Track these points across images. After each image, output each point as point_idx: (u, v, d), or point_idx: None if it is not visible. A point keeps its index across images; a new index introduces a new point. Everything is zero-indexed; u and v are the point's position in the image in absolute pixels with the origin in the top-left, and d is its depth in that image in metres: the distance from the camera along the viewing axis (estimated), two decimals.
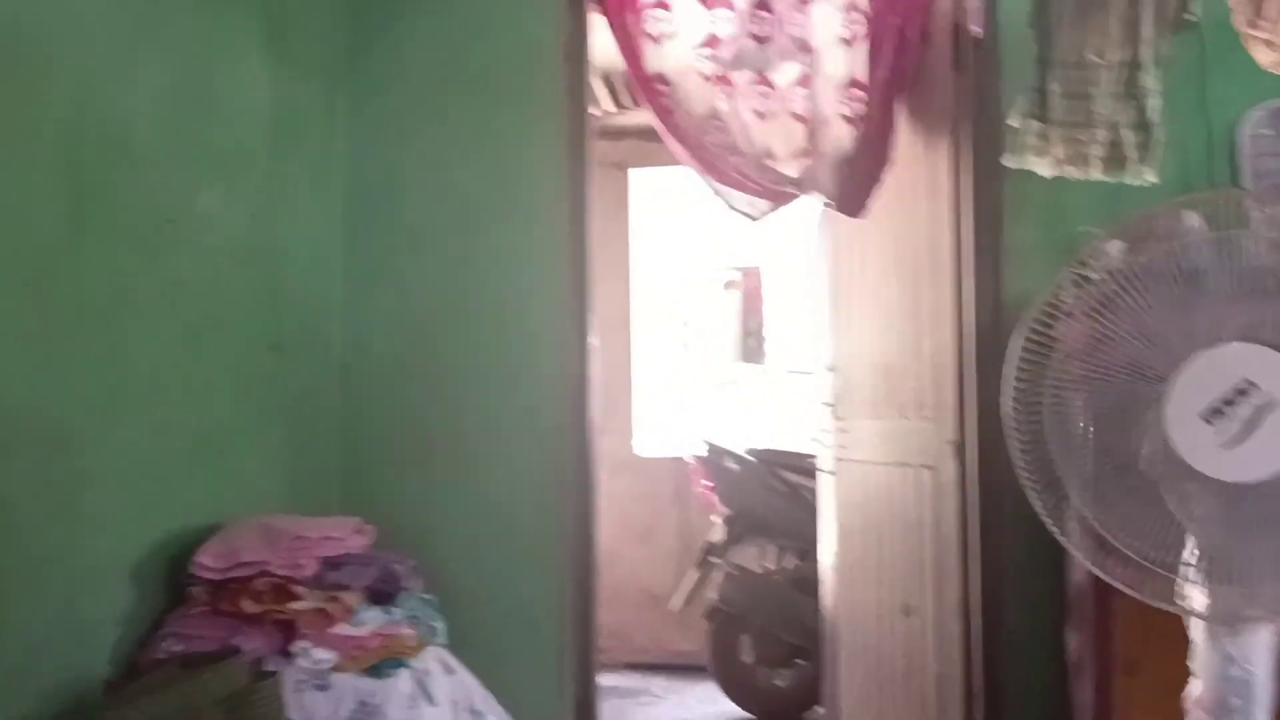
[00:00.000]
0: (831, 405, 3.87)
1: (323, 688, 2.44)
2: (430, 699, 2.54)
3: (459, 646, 2.94)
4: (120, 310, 2.44)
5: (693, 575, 4.68)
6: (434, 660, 2.69)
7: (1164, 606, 1.95)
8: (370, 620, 2.58)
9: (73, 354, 2.29)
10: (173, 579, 2.57)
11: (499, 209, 3.36)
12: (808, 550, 4.35)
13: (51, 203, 2.25)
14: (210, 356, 2.78)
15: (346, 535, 2.71)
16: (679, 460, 5.20)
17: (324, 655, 2.47)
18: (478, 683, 2.85)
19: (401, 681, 2.51)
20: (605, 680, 4.68)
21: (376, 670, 2.50)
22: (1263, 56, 2.50)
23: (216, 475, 2.81)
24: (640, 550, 5.54)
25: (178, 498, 2.65)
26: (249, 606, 2.48)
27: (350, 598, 2.56)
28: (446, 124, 3.40)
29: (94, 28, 2.37)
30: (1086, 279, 2.32)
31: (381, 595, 2.69)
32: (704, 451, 4.69)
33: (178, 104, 2.65)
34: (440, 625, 2.86)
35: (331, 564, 2.62)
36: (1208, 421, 1.84)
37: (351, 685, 2.46)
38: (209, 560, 2.52)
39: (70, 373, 2.29)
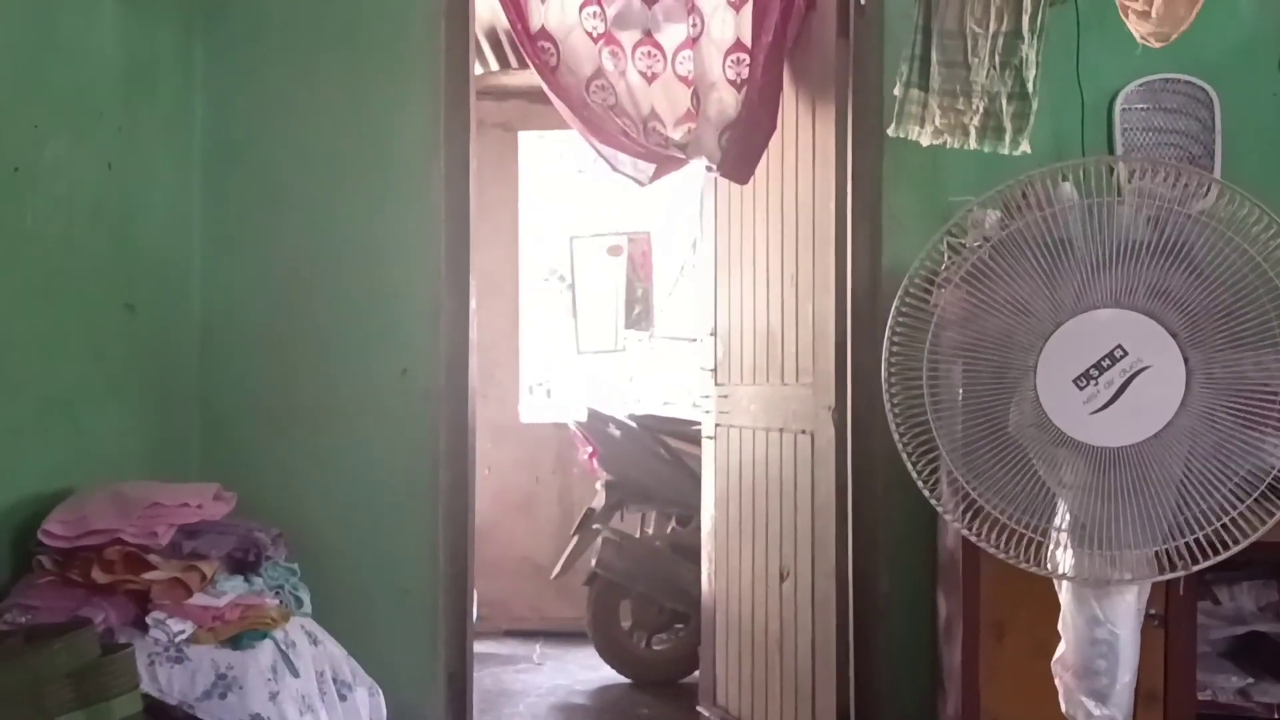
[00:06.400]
0: (713, 371, 3.86)
1: (179, 660, 2.36)
2: (293, 670, 2.46)
3: (328, 617, 2.87)
4: None
5: (573, 541, 4.65)
6: (298, 631, 2.61)
7: (1032, 570, 1.97)
8: (230, 590, 2.49)
9: None
10: (19, 547, 2.45)
11: (370, 169, 3.26)
12: (689, 516, 4.37)
13: None
14: (59, 315, 2.64)
15: (205, 502, 2.60)
16: (563, 427, 5.16)
17: (180, 626, 2.38)
18: (345, 653, 2.78)
19: (263, 653, 2.42)
20: (484, 647, 4.68)
21: (236, 642, 2.42)
22: (1138, 27, 2.53)
23: (68, 439, 2.67)
24: (521, 519, 5.50)
25: (25, 462, 2.51)
26: (100, 576, 2.37)
27: (208, 567, 2.46)
28: (313, 79, 3.27)
29: None
30: (962, 246, 2.33)
31: (243, 564, 2.60)
32: (586, 417, 4.65)
33: (18, 45, 2.49)
34: (305, 595, 2.78)
35: (189, 532, 2.52)
36: (1079, 387, 1.86)
37: (209, 657, 2.38)
38: (57, 528, 2.39)
39: None
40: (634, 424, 4.63)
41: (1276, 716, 2.38)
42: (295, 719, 2.38)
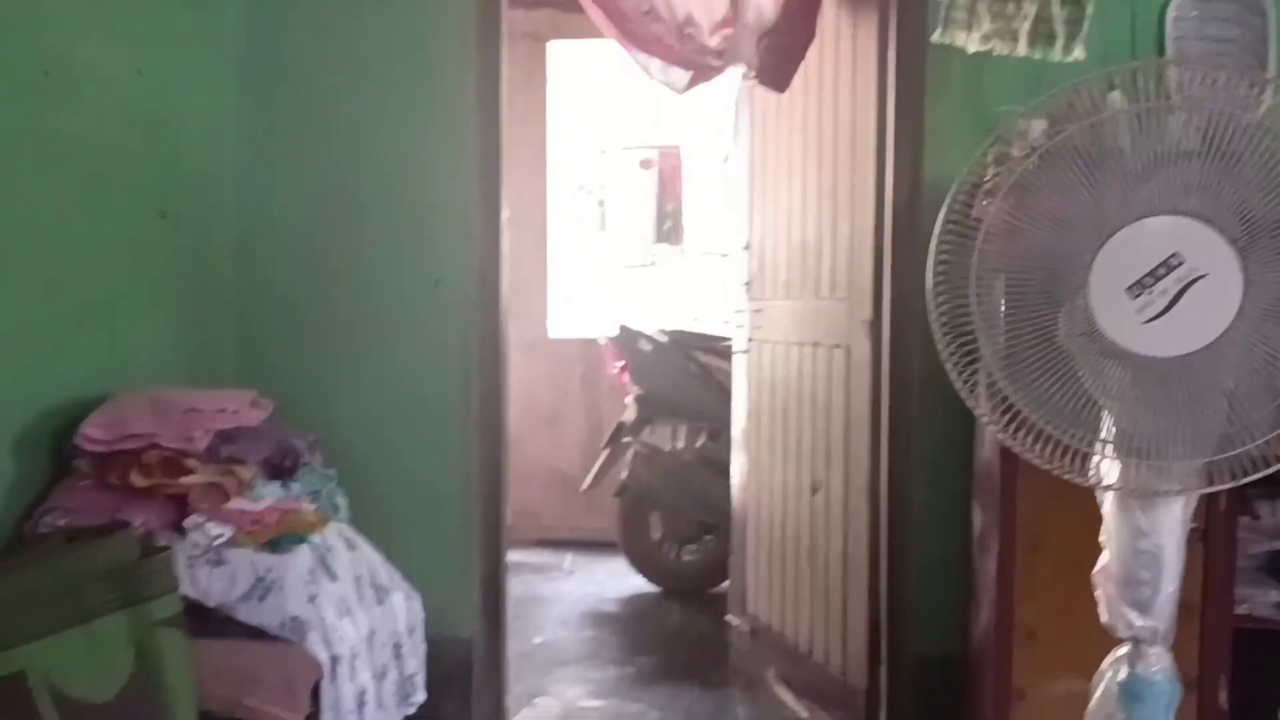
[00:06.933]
0: (747, 285, 3.83)
1: (218, 563, 2.37)
2: (331, 574, 2.49)
3: (362, 523, 2.89)
4: None
5: (603, 454, 4.67)
6: (335, 536, 2.63)
7: (1077, 480, 1.95)
8: (268, 495, 2.51)
9: None
10: (57, 451, 2.46)
11: (404, 77, 3.20)
12: (719, 430, 4.37)
13: None
14: (97, 219, 2.62)
15: (242, 408, 2.60)
16: (591, 342, 5.16)
17: (219, 530, 2.39)
18: (382, 558, 2.80)
19: (301, 557, 2.44)
20: (515, 556, 4.72)
21: (275, 545, 2.43)
22: None
23: (105, 344, 2.67)
24: (549, 432, 5.53)
25: (63, 365, 2.52)
26: (138, 480, 2.38)
27: (246, 472, 2.47)
28: None
29: None
30: (1008, 157, 2.27)
31: (280, 470, 2.61)
32: (617, 333, 4.64)
33: None
34: (342, 501, 2.80)
35: (226, 437, 2.52)
36: (1132, 295, 1.83)
37: (249, 560, 2.38)
38: (95, 431, 2.40)
39: None
40: (665, 339, 4.62)
41: None
42: (334, 621, 2.41)
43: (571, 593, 4.68)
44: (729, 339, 4.07)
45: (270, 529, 2.46)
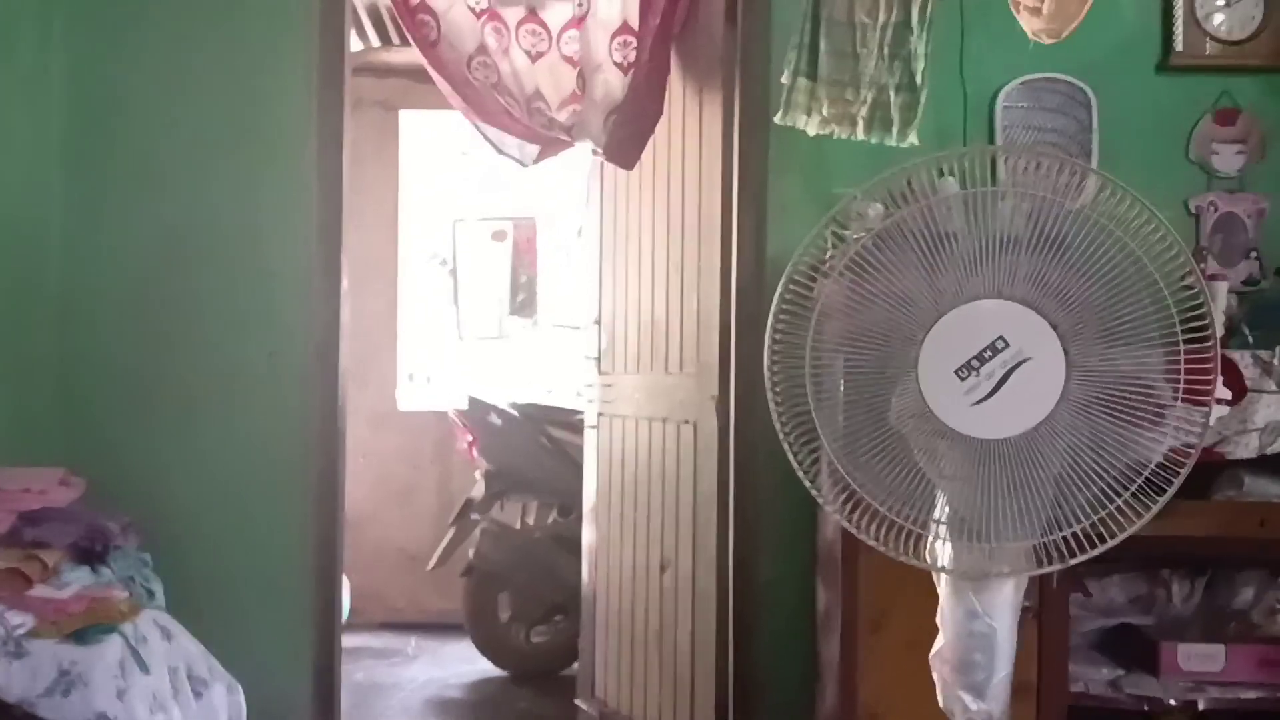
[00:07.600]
0: (597, 359, 3.80)
1: (18, 655, 2.21)
2: (143, 667, 2.32)
3: (190, 608, 2.75)
4: None
5: (450, 532, 4.55)
6: (150, 625, 2.47)
7: (911, 562, 1.96)
8: (75, 581, 2.35)
9: None
10: None
11: (239, 141, 3.14)
12: (570, 507, 4.30)
13: None
14: None
15: (50, 487, 2.45)
16: (443, 415, 5.05)
17: (19, 619, 2.24)
18: (202, 649, 2.64)
19: (110, 648, 2.28)
20: (358, 640, 4.56)
21: (81, 636, 2.27)
22: (1029, 23, 2.54)
23: None
24: (398, 509, 5.38)
25: None
26: None
27: (51, 556, 2.32)
28: (181, 44, 3.13)
29: None
30: (845, 237, 2.31)
31: (89, 554, 2.46)
32: (466, 405, 4.55)
33: None
34: (158, 587, 2.64)
35: (30, 519, 2.37)
36: (960, 378, 1.85)
37: (51, 652, 2.22)
38: None
39: None
40: (516, 412, 4.55)
41: (1145, 708, 2.43)
42: (145, 718, 2.25)
43: (415, 678, 4.52)
44: (581, 412, 4.02)
45: (77, 618, 2.30)
